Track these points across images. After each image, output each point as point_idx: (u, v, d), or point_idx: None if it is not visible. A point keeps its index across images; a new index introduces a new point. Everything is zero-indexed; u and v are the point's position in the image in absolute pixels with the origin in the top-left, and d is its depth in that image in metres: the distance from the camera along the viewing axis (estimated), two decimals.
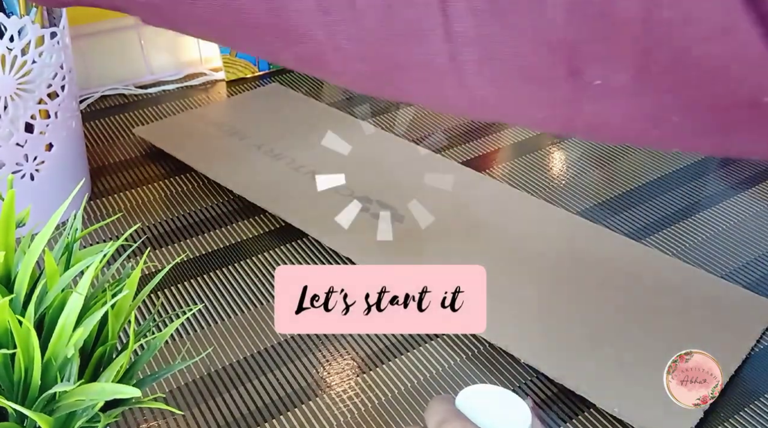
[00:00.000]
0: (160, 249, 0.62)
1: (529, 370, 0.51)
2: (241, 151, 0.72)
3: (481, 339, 0.54)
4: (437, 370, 0.52)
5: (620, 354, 0.52)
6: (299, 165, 0.70)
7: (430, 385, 0.50)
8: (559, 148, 0.77)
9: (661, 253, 0.62)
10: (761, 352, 0.53)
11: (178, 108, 0.82)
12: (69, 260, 0.36)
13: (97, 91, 0.85)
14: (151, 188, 0.69)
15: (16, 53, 0.53)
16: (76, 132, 0.64)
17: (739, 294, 0.58)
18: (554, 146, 0.77)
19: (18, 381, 0.32)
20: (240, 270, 0.60)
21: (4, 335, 0.32)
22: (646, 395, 0.48)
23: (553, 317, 0.55)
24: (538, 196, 0.69)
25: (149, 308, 0.56)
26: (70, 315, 0.32)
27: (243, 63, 0.88)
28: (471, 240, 0.62)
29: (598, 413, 0.49)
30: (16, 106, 0.55)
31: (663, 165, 0.74)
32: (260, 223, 0.65)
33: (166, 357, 0.52)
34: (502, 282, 0.57)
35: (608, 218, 0.66)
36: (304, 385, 0.50)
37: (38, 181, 0.60)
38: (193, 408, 0.48)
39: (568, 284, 0.58)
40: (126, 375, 0.35)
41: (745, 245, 0.64)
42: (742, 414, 0.49)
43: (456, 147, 0.77)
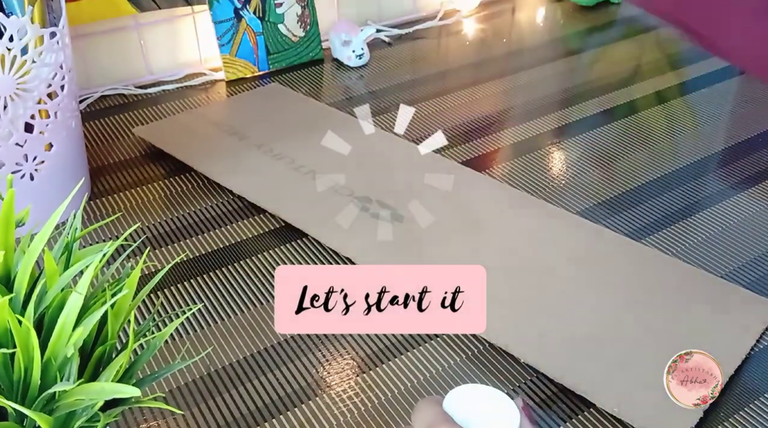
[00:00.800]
0: (160, 249, 0.62)
1: (529, 370, 0.51)
2: (241, 151, 0.72)
3: (480, 339, 0.54)
4: (437, 370, 0.52)
5: (620, 354, 0.52)
6: (299, 165, 0.70)
7: (430, 385, 0.50)
8: (559, 147, 0.77)
9: (661, 253, 0.62)
10: (761, 352, 0.53)
11: (177, 108, 0.82)
12: (68, 260, 0.36)
13: (97, 91, 0.85)
14: (150, 188, 0.69)
15: (16, 53, 0.53)
16: (75, 132, 0.64)
17: (738, 294, 0.58)
18: (554, 146, 0.77)
19: (18, 381, 0.32)
20: (240, 270, 0.60)
21: (3, 335, 0.32)
22: (646, 395, 0.48)
23: (552, 317, 0.55)
24: (538, 196, 0.69)
25: (149, 308, 0.56)
26: (69, 314, 0.32)
27: (243, 63, 0.88)
28: (471, 240, 0.62)
29: (598, 413, 0.49)
30: (15, 106, 0.55)
31: (662, 165, 0.74)
32: (260, 223, 0.65)
33: (166, 356, 0.52)
34: (502, 282, 0.57)
35: (608, 218, 0.66)
36: (304, 385, 0.50)
37: (38, 180, 0.60)
38: (193, 408, 0.48)
39: (568, 284, 0.58)
40: (126, 374, 0.35)
41: (745, 245, 0.64)
42: (742, 414, 0.49)
43: (456, 147, 0.77)
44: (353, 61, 0.92)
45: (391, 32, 1.00)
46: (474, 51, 0.98)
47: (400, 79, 0.90)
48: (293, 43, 0.91)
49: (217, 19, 0.86)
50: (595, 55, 0.98)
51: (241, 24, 0.87)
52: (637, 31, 1.03)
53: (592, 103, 0.85)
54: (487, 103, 0.86)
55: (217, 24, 0.86)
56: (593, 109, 0.84)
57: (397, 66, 0.93)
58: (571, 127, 0.81)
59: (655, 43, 1.01)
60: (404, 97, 0.86)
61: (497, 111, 0.84)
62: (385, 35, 1.00)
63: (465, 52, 0.98)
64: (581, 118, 0.82)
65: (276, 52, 0.90)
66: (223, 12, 0.86)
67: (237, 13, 0.87)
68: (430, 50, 0.98)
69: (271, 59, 0.90)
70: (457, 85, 0.89)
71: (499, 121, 0.82)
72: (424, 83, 0.89)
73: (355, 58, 0.91)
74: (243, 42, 0.88)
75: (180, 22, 0.88)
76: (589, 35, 1.03)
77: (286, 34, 0.91)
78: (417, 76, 0.91)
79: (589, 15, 1.08)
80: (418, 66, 0.93)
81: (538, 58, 0.96)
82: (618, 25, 1.06)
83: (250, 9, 0.87)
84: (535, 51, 0.98)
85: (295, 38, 0.91)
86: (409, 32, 1.01)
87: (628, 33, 1.03)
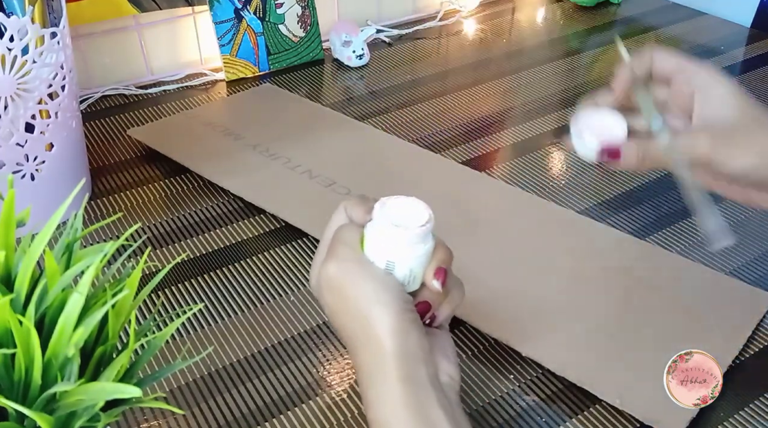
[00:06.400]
0: (161, 249, 0.62)
1: (534, 366, 0.52)
2: (237, 152, 0.72)
3: (485, 336, 0.54)
4: None
5: (620, 347, 0.52)
6: (295, 164, 0.70)
7: None
8: (558, 147, 0.77)
9: (660, 248, 0.62)
10: (761, 352, 0.53)
11: (178, 108, 0.83)
12: (69, 260, 0.36)
13: (97, 91, 0.85)
14: (151, 188, 0.69)
15: (16, 53, 0.53)
16: (76, 132, 0.64)
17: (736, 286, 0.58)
18: (554, 146, 0.77)
19: (18, 381, 0.32)
20: (240, 270, 0.60)
21: (4, 335, 0.32)
22: (647, 386, 0.48)
23: (554, 312, 0.55)
24: (538, 196, 0.69)
25: (149, 308, 0.56)
26: (70, 314, 0.32)
27: (243, 63, 0.88)
28: (471, 240, 0.62)
29: (602, 408, 0.49)
30: (16, 106, 0.55)
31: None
32: (260, 223, 0.65)
33: (167, 356, 0.52)
34: (503, 279, 0.57)
35: (608, 217, 0.66)
36: (304, 385, 0.50)
37: (38, 180, 0.60)
38: (194, 408, 0.48)
39: (568, 279, 0.58)
40: (126, 374, 0.35)
41: (745, 244, 0.64)
42: (742, 414, 0.49)
43: (456, 147, 0.77)
44: (353, 62, 0.92)
45: (391, 32, 1.00)
46: (474, 51, 0.98)
47: (400, 79, 0.90)
48: (294, 44, 0.91)
49: (217, 19, 0.86)
50: (595, 55, 0.98)
51: (241, 24, 0.87)
52: (637, 31, 1.03)
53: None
54: (487, 103, 0.86)
55: (217, 24, 0.86)
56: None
57: (397, 66, 0.93)
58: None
59: (655, 43, 1.01)
60: (404, 97, 0.86)
61: (497, 111, 0.84)
62: (385, 35, 1.00)
63: (465, 52, 0.98)
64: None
65: (276, 52, 0.90)
66: (224, 12, 0.86)
67: (237, 13, 0.87)
68: (430, 50, 0.98)
69: (272, 59, 0.90)
70: (457, 85, 0.89)
71: (499, 121, 0.82)
72: (424, 83, 0.89)
73: (356, 58, 0.91)
74: (243, 42, 0.88)
75: (180, 22, 0.88)
76: (589, 35, 1.03)
77: (287, 34, 0.91)
78: (417, 76, 0.91)
79: (589, 15, 1.08)
80: (418, 66, 0.93)
81: (538, 58, 0.96)
82: (618, 25, 1.06)
83: (250, 9, 0.87)
84: (535, 51, 0.98)
85: (295, 38, 0.91)
86: (409, 32, 1.01)
87: (628, 33, 1.03)
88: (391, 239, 0.40)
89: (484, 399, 0.50)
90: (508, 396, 0.50)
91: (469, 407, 0.49)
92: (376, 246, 0.41)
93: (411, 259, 0.41)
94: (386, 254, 0.40)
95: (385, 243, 0.40)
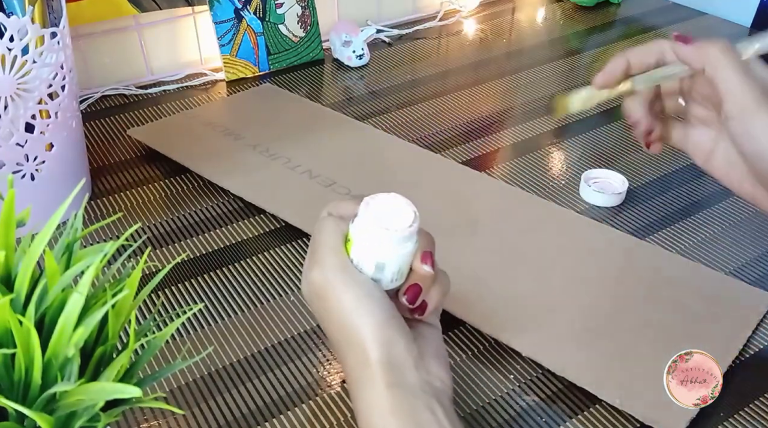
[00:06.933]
0: (161, 249, 0.62)
1: (534, 366, 0.52)
2: (237, 151, 0.72)
3: (485, 336, 0.54)
4: None
5: (620, 347, 0.52)
6: (295, 164, 0.70)
7: None
8: (558, 148, 0.77)
9: (660, 248, 0.62)
10: (761, 352, 0.53)
11: (178, 108, 0.83)
12: (69, 260, 0.36)
13: (97, 91, 0.85)
14: (151, 188, 0.69)
15: (17, 53, 0.53)
16: (76, 132, 0.64)
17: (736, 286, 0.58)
18: (554, 146, 0.77)
19: (18, 381, 0.32)
20: (240, 270, 0.60)
21: (4, 335, 0.32)
22: (647, 386, 0.48)
23: (554, 311, 0.55)
24: (538, 196, 0.69)
25: (149, 308, 0.56)
26: (70, 314, 0.32)
27: (243, 63, 0.88)
28: (470, 240, 0.62)
29: (602, 408, 0.49)
30: (16, 106, 0.55)
31: (663, 164, 0.74)
32: (260, 223, 0.65)
33: (167, 356, 0.52)
34: (502, 279, 0.57)
35: (609, 218, 0.66)
36: (305, 385, 0.50)
37: (38, 180, 0.60)
38: (194, 408, 0.48)
39: (568, 278, 0.58)
40: (126, 374, 0.35)
41: (745, 244, 0.64)
42: (742, 414, 0.49)
43: (456, 147, 0.77)
44: (353, 62, 0.92)
45: (391, 32, 1.00)
46: (474, 51, 0.98)
47: (400, 79, 0.90)
48: (294, 44, 0.91)
49: (217, 19, 0.86)
50: (595, 55, 0.98)
51: (241, 24, 0.87)
52: (637, 31, 1.03)
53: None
54: (487, 103, 0.86)
55: (217, 24, 0.86)
56: (593, 109, 0.84)
57: (397, 66, 0.93)
58: (571, 127, 0.81)
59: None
60: (404, 97, 0.86)
61: (497, 111, 0.84)
62: (385, 35, 1.00)
63: (465, 52, 0.98)
64: (581, 118, 0.82)
65: (276, 52, 0.90)
66: (224, 12, 0.86)
67: (237, 13, 0.87)
68: (430, 50, 0.98)
69: (272, 59, 0.90)
70: (457, 85, 0.89)
71: (499, 121, 0.82)
72: (424, 83, 0.89)
73: (356, 58, 0.91)
74: (243, 42, 0.88)
75: (180, 22, 0.88)
76: (589, 35, 1.03)
77: (287, 34, 0.91)
78: (417, 76, 0.91)
79: (589, 15, 1.08)
80: (418, 66, 0.93)
81: (538, 58, 0.96)
82: (618, 25, 1.06)
83: (250, 9, 0.87)
84: (535, 51, 0.98)
85: (295, 38, 0.91)
86: (409, 32, 1.01)
87: (628, 33, 1.03)
88: (380, 241, 0.40)
89: (484, 399, 0.50)
90: (508, 396, 0.50)
91: (469, 407, 0.49)
92: (364, 248, 0.40)
93: (400, 258, 0.41)
94: (375, 256, 0.40)
95: (374, 244, 0.40)
